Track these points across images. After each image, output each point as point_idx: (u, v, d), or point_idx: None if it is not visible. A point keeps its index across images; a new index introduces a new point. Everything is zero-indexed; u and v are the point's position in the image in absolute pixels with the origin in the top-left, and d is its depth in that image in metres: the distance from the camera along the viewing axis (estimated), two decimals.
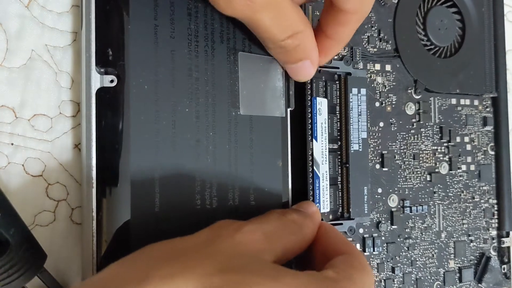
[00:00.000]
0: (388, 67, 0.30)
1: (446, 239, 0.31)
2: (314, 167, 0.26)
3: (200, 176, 0.22)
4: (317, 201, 0.26)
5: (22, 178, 0.21)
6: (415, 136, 0.31)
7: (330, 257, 0.20)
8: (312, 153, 0.26)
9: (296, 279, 0.17)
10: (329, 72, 0.27)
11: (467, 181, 0.33)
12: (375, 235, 0.29)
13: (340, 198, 0.27)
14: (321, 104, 0.26)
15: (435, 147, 0.31)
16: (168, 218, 0.21)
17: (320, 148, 0.26)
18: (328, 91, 0.27)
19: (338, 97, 0.27)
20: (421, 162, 0.31)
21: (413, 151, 0.31)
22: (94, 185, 0.20)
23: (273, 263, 0.19)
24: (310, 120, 0.26)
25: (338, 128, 0.27)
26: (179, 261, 0.17)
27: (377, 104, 0.29)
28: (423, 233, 0.31)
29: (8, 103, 0.21)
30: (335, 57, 0.28)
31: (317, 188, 0.26)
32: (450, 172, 0.32)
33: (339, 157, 0.27)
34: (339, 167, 0.27)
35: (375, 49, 0.29)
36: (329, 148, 0.27)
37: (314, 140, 0.26)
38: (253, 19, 0.21)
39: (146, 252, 0.18)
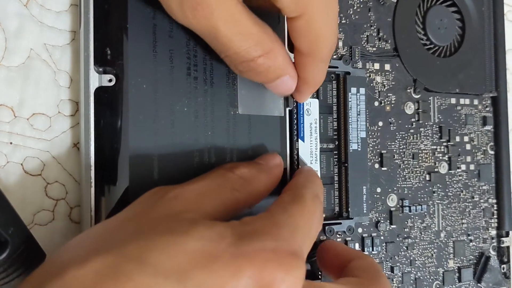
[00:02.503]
0: (387, 67, 0.30)
1: (445, 239, 0.31)
2: (300, 167, 0.26)
3: (199, 175, 0.22)
4: None
5: (21, 177, 0.21)
6: (415, 135, 0.31)
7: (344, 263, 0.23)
8: (298, 153, 0.26)
9: (209, 230, 0.16)
10: None
11: (467, 181, 0.33)
12: (374, 234, 0.29)
13: (336, 197, 0.27)
14: (310, 105, 0.26)
15: (435, 147, 0.31)
16: None
17: (309, 148, 0.26)
18: (320, 91, 0.27)
19: (334, 96, 0.27)
20: (420, 161, 0.31)
21: (412, 150, 0.30)
22: (93, 184, 0.20)
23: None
24: (296, 121, 0.26)
25: (335, 127, 0.27)
26: (94, 245, 0.17)
27: (376, 103, 0.29)
28: (422, 233, 0.31)
29: (7, 102, 0.21)
30: (334, 56, 0.28)
31: None
32: (450, 171, 0.32)
33: (335, 156, 0.27)
34: (336, 167, 0.27)
35: (374, 49, 0.29)
36: (322, 147, 0.27)
37: (300, 140, 0.26)
38: (208, 27, 0.19)
39: (78, 239, 0.18)
